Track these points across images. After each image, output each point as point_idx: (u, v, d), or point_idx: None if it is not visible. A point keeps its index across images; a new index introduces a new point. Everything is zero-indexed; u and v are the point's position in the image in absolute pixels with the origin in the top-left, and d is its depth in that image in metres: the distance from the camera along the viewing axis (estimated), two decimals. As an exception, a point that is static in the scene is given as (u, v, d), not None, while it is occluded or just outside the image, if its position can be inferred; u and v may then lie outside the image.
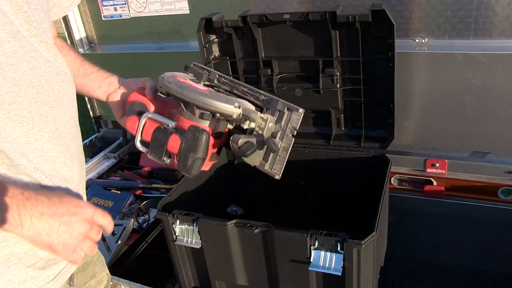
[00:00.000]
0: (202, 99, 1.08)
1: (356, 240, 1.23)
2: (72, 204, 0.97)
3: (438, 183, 1.94)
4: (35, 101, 1.03)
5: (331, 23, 1.52)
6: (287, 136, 1.17)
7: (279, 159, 1.18)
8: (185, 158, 1.07)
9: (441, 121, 1.84)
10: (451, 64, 1.72)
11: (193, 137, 1.07)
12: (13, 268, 1.04)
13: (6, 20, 0.98)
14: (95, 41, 2.45)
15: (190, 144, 1.06)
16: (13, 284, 1.04)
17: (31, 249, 1.06)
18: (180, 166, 1.08)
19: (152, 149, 1.10)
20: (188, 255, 1.52)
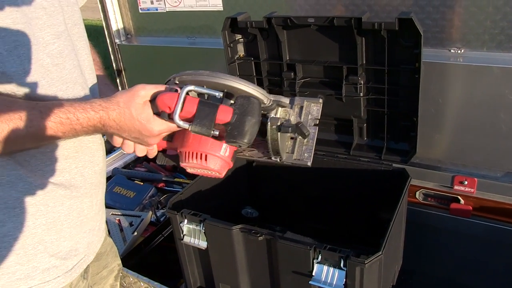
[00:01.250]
0: (238, 82, 1.06)
1: (360, 259, 1.19)
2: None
3: (465, 202, 1.85)
4: (80, 97, 1.12)
5: (357, 29, 1.47)
6: (310, 126, 1.21)
7: (306, 148, 1.20)
8: (240, 124, 1.01)
9: (473, 137, 1.75)
10: (488, 77, 1.63)
11: (247, 102, 1.03)
12: (39, 256, 1.10)
13: (51, 21, 1.04)
14: (132, 33, 2.49)
15: (246, 109, 1.02)
16: (37, 271, 1.10)
17: (57, 239, 1.12)
18: (235, 133, 1.01)
19: (198, 121, 1.01)
20: (195, 254, 1.52)
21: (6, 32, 0.94)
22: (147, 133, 1.05)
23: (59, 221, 1.12)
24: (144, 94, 1.03)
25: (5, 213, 1.03)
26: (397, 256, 1.62)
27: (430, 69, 1.68)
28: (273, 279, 1.38)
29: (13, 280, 1.07)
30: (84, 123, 1.00)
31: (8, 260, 1.06)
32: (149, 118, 1.03)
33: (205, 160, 1.10)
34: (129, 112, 1.02)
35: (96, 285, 1.45)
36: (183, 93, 1.01)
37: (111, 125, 1.03)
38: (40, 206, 1.08)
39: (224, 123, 1.02)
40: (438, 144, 1.83)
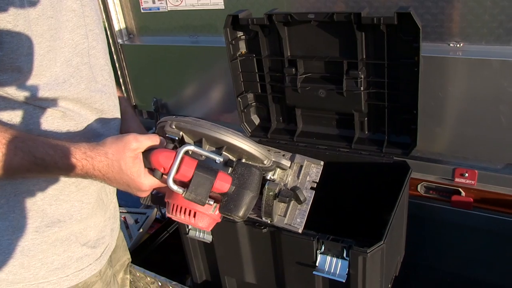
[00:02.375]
0: (240, 140, 1.00)
1: (362, 248, 1.22)
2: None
3: (466, 194, 1.86)
4: (104, 93, 1.15)
5: (356, 24, 1.49)
6: (307, 189, 1.14)
7: (299, 212, 1.12)
8: (238, 197, 0.95)
9: (473, 129, 1.76)
10: (487, 71, 1.64)
11: (248, 172, 0.97)
12: (73, 246, 1.15)
13: (80, 22, 1.08)
14: (134, 32, 2.51)
15: (245, 180, 0.96)
16: (72, 260, 1.15)
17: (84, 229, 1.17)
18: (230, 206, 0.95)
19: (193, 189, 0.92)
20: (200, 249, 1.55)
21: (42, 38, 0.97)
22: (136, 187, 1.00)
23: (89, 214, 1.18)
24: (135, 147, 0.98)
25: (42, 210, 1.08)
26: (399, 248, 1.64)
27: (430, 63, 1.70)
28: (278, 271, 1.40)
29: (51, 269, 1.12)
30: (62, 168, 0.96)
31: (47, 251, 1.10)
32: (140, 174, 0.98)
33: (194, 217, 1.02)
34: (118, 165, 0.96)
35: None
36: (180, 154, 0.93)
37: (96, 175, 0.98)
38: (74, 202, 1.13)
39: (219, 193, 0.96)
40: (438, 137, 1.84)
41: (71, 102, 1.06)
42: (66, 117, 1.07)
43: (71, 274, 1.15)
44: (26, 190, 1.04)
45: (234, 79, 1.83)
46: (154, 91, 2.52)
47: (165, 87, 2.49)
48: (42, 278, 1.11)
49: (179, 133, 1.03)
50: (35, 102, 1.01)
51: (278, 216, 1.11)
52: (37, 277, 1.11)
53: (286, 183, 1.13)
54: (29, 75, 0.97)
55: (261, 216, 1.11)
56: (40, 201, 1.06)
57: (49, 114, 1.04)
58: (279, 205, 1.11)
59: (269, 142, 1.86)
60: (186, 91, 2.42)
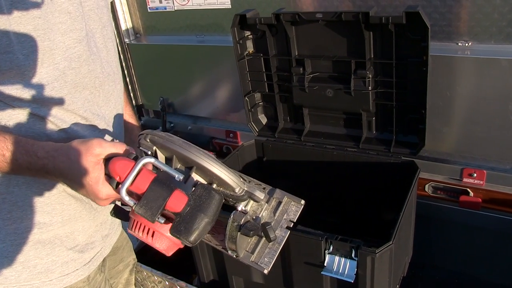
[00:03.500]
0: (210, 162, 0.96)
1: (371, 248, 1.21)
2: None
3: (475, 194, 1.85)
4: (88, 101, 1.12)
5: (364, 23, 1.48)
6: (282, 227, 1.07)
7: (269, 251, 1.05)
8: (190, 219, 0.88)
9: (481, 129, 1.75)
10: (496, 70, 1.63)
11: (206, 195, 0.90)
12: (57, 250, 1.14)
13: (75, 25, 1.06)
14: (141, 32, 2.52)
15: (202, 203, 0.89)
16: (57, 264, 1.14)
17: (72, 233, 1.16)
18: (181, 228, 0.88)
19: (145, 203, 0.88)
20: (208, 248, 1.55)
21: (26, 38, 0.96)
22: (93, 194, 0.97)
23: (74, 217, 1.16)
24: (98, 152, 0.95)
25: (22, 210, 1.07)
26: (407, 248, 1.63)
27: (438, 62, 1.69)
28: (286, 271, 1.40)
29: (34, 273, 1.11)
30: (23, 166, 0.95)
31: (28, 254, 1.10)
32: (98, 180, 0.95)
33: (151, 237, 0.95)
34: (78, 168, 0.95)
35: (112, 278, 1.48)
36: (139, 165, 0.90)
37: (57, 176, 0.97)
38: (55, 205, 1.12)
39: (174, 212, 0.90)
40: (446, 137, 1.84)
41: (53, 106, 1.05)
42: (47, 121, 1.05)
43: (55, 279, 1.14)
44: (5, 191, 1.04)
45: (242, 79, 1.83)
46: (161, 91, 2.52)
47: (171, 87, 2.49)
48: (24, 281, 1.10)
49: (153, 148, 1.00)
50: (14, 103, 1.00)
51: (245, 252, 1.06)
52: (19, 279, 1.10)
53: (259, 217, 1.06)
54: (9, 74, 0.96)
55: (226, 249, 1.06)
56: (20, 202, 1.06)
57: (30, 117, 1.02)
58: (246, 239, 1.05)
59: (276, 142, 1.86)
60: (192, 91, 2.42)
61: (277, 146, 1.86)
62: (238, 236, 1.02)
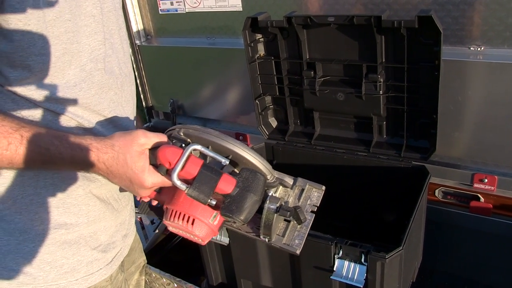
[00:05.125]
0: (246, 151, 1.00)
1: (381, 254, 1.21)
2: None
3: (485, 200, 1.84)
4: (113, 101, 1.14)
5: (376, 27, 1.48)
6: (307, 212, 1.13)
7: (298, 234, 1.12)
8: (241, 199, 0.95)
9: (493, 134, 1.74)
10: (508, 75, 1.62)
11: (253, 177, 0.98)
12: (82, 250, 1.15)
13: (99, 28, 1.08)
14: (152, 34, 2.53)
15: (250, 184, 0.96)
16: (82, 264, 1.15)
17: (94, 232, 1.17)
18: (232, 207, 0.95)
19: (197, 186, 0.93)
20: (217, 251, 1.55)
21: (58, 40, 0.97)
22: (138, 183, 0.99)
23: (98, 217, 1.17)
24: (143, 142, 0.98)
25: (49, 212, 1.08)
26: (417, 253, 1.62)
27: (450, 67, 1.68)
28: (295, 275, 1.40)
29: (61, 273, 1.12)
30: (67, 159, 0.95)
31: (55, 254, 1.11)
32: (144, 169, 0.98)
33: (192, 225, 1.00)
34: (124, 158, 0.96)
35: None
36: (188, 151, 0.94)
37: (100, 167, 0.98)
38: (81, 206, 1.13)
39: (224, 194, 0.96)
40: (457, 142, 1.82)
41: (80, 107, 1.06)
42: (73, 122, 1.06)
43: (80, 278, 1.15)
44: (33, 193, 1.05)
45: (252, 82, 1.83)
46: (171, 92, 2.53)
47: (182, 88, 2.50)
48: (52, 281, 1.11)
49: (187, 140, 1.03)
50: (43, 104, 1.01)
51: (276, 236, 1.11)
52: (47, 279, 1.11)
53: (288, 201, 1.13)
54: (39, 75, 0.97)
55: (259, 235, 1.11)
56: (46, 204, 1.07)
57: (57, 118, 1.04)
58: (278, 224, 1.11)
59: (286, 145, 1.86)
60: (203, 93, 2.43)
61: (287, 150, 1.86)
62: (275, 218, 1.06)
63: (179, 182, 0.93)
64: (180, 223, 1.01)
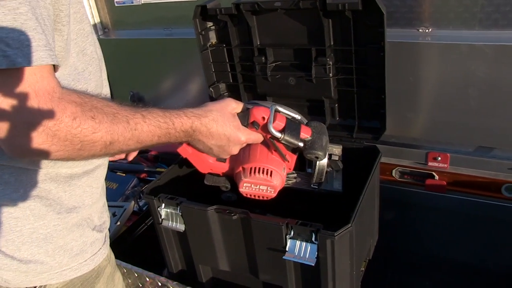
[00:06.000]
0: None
1: (330, 231, 1.23)
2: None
3: (440, 177, 1.89)
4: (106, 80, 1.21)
5: (322, 11, 1.49)
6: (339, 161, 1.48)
7: (336, 177, 1.47)
8: (319, 139, 1.26)
9: (444, 113, 1.79)
10: (455, 55, 1.67)
11: (320, 126, 1.30)
12: (86, 231, 1.16)
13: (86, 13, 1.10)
14: (109, 27, 2.51)
15: (321, 130, 1.28)
16: (87, 245, 1.17)
17: (90, 214, 1.19)
18: (316, 145, 1.24)
19: (289, 132, 1.22)
20: (175, 238, 1.55)
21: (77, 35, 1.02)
22: (234, 140, 1.20)
23: (97, 199, 1.19)
24: (235, 106, 1.22)
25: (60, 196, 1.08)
26: (371, 231, 1.66)
27: (400, 48, 1.72)
28: (250, 257, 1.41)
29: (72, 255, 1.13)
30: (177, 127, 1.07)
31: (66, 237, 1.11)
32: (239, 127, 1.21)
33: (270, 176, 1.29)
34: (222, 119, 1.16)
35: None
36: (274, 109, 1.23)
37: (202, 130, 1.13)
38: (85, 188, 1.14)
39: (305, 139, 1.25)
40: (411, 122, 1.87)
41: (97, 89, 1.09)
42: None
43: (88, 259, 1.17)
44: (40, 179, 1.04)
45: (206, 70, 1.83)
46: (131, 85, 2.52)
47: (141, 80, 2.49)
48: (65, 266, 1.12)
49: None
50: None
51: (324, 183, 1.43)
52: (61, 264, 1.11)
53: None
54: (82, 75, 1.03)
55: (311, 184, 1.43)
56: (54, 189, 1.06)
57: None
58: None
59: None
60: (162, 83, 2.42)
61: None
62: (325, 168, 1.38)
63: (275, 131, 1.21)
64: (260, 175, 1.29)
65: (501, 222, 1.81)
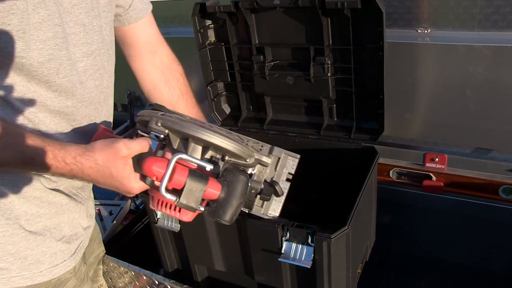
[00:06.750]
0: (224, 142, 1.02)
1: (326, 234, 1.22)
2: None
3: (437, 179, 1.88)
4: (89, 116, 1.14)
5: (321, 9, 1.48)
6: (283, 181, 1.22)
7: (275, 203, 1.22)
8: (227, 204, 1.00)
9: (442, 114, 1.78)
10: (453, 56, 1.66)
11: (236, 180, 1.02)
12: (47, 241, 1.14)
13: (86, 39, 1.06)
14: (106, 24, 2.48)
15: (234, 188, 1.01)
16: (46, 255, 1.15)
17: (58, 224, 1.17)
18: (220, 212, 1.00)
19: (185, 196, 0.95)
20: (170, 238, 1.54)
21: (44, 45, 0.95)
22: (125, 190, 1.03)
23: (61, 209, 1.17)
24: (126, 154, 0.99)
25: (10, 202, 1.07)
26: (368, 232, 1.65)
27: (398, 49, 1.71)
28: (246, 258, 1.40)
29: (25, 265, 1.11)
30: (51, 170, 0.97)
31: (19, 245, 1.10)
32: (131, 179, 1.01)
33: (179, 212, 1.04)
34: (109, 171, 0.99)
35: None
36: (172, 163, 0.94)
37: (85, 178, 1.01)
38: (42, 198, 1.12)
39: (210, 199, 1.00)
40: (409, 123, 1.86)
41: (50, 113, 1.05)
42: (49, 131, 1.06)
43: (45, 270, 1.15)
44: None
45: (204, 68, 1.82)
46: (128, 84, 2.49)
47: (138, 79, 2.46)
48: (15, 272, 1.10)
49: (165, 131, 1.03)
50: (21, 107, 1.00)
51: (256, 207, 1.20)
52: (10, 270, 1.10)
53: (263, 176, 1.21)
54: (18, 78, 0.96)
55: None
56: (8, 198, 1.06)
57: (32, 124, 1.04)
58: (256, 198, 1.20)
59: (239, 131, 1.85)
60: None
61: (240, 135, 1.85)
62: (256, 200, 1.18)
63: (169, 196, 0.95)
64: (168, 211, 1.03)
65: (498, 223, 1.81)
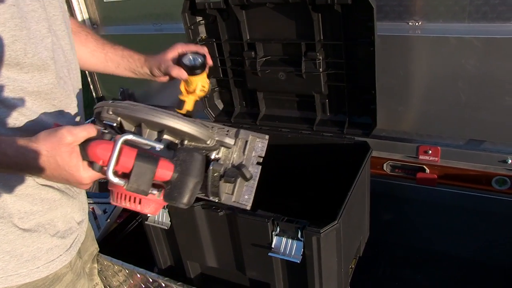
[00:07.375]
0: (179, 123, 0.97)
1: (315, 228, 1.22)
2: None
3: (431, 171, 1.88)
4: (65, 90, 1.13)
5: (311, 5, 1.48)
6: (253, 164, 1.14)
7: (247, 189, 1.12)
8: (181, 184, 0.92)
9: (435, 107, 1.78)
10: (445, 48, 1.65)
11: (190, 158, 0.93)
12: (42, 237, 1.14)
13: (46, 14, 1.05)
14: (98, 23, 2.47)
15: (188, 167, 0.93)
16: (42, 251, 1.15)
17: (52, 220, 1.17)
18: (174, 194, 0.92)
19: (134, 180, 0.89)
20: (163, 235, 1.55)
21: (4, 27, 0.93)
22: (75, 181, 0.95)
23: (54, 205, 1.17)
24: (70, 140, 0.91)
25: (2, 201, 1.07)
26: (361, 227, 1.65)
27: (390, 42, 1.70)
28: (237, 254, 1.40)
29: (21, 262, 1.11)
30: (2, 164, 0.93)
31: (14, 243, 1.10)
32: (79, 168, 0.93)
33: (139, 204, 0.97)
34: (54, 161, 0.92)
35: None
36: (118, 145, 0.88)
37: (32, 172, 0.96)
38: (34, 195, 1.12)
39: (162, 181, 0.93)
40: (402, 116, 1.85)
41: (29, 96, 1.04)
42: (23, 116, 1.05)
43: (41, 266, 1.15)
44: None
45: (195, 65, 1.81)
46: (121, 81, 2.48)
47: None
48: (11, 271, 1.10)
49: (117, 119, 1.00)
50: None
51: (225, 195, 1.11)
52: (6, 269, 1.10)
53: (231, 160, 1.13)
54: None
55: (208, 196, 1.11)
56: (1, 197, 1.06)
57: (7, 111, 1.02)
58: (225, 184, 1.10)
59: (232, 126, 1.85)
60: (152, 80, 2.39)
61: (233, 131, 1.85)
62: (220, 184, 1.07)
63: (117, 179, 0.89)
64: (128, 204, 0.97)
65: (492, 214, 1.81)
